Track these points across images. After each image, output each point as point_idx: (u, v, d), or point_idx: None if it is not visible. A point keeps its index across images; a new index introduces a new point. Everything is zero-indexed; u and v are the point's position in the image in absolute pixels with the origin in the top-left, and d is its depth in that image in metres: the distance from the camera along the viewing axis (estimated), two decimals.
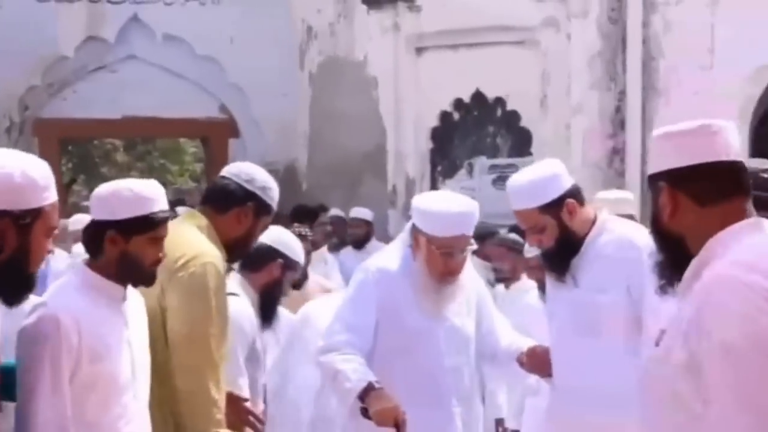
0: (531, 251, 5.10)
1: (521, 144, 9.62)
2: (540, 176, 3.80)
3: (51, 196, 2.73)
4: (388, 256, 3.95)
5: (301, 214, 8.52)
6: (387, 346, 3.78)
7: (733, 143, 2.26)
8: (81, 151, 21.01)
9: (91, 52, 11.53)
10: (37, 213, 2.69)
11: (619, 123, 9.12)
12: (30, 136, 11.43)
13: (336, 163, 10.61)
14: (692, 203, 2.20)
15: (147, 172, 21.13)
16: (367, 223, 9.34)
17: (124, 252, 3.01)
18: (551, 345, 3.95)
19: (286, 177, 11.81)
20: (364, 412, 3.51)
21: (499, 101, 9.71)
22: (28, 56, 11.08)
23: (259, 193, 3.55)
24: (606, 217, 3.88)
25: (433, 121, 10.01)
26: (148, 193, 3.06)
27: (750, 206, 2.24)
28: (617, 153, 9.13)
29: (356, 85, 10.46)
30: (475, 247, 3.97)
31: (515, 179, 3.87)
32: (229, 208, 3.50)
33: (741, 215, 2.20)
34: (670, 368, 2.10)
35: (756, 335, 1.98)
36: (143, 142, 21.52)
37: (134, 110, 11.53)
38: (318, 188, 10.73)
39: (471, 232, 3.82)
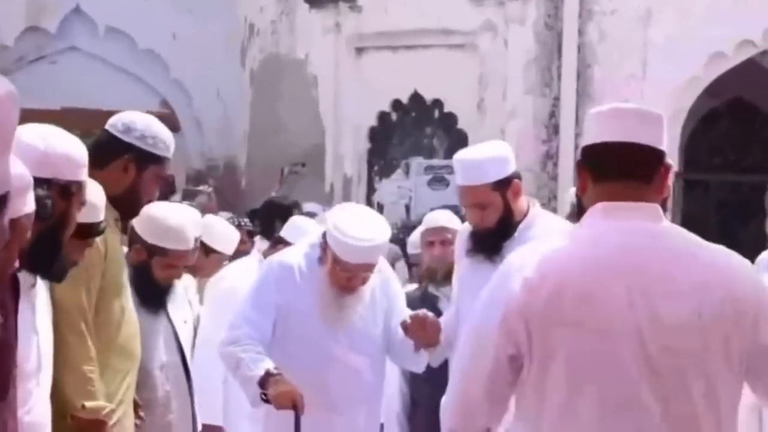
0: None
1: (457, 146, 9.65)
2: (493, 154, 3.87)
3: (86, 173, 2.80)
4: (295, 254, 3.96)
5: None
6: (284, 342, 3.82)
7: (617, 127, 2.35)
8: None
9: (32, 42, 11.47)
10: (78, 185, 2.77)
11: (553, 128, 9.28)
12: None
13: (275, 161, 10.65)
14: (591, 177, 2.30)
15: None
16: None
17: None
18: (461, 326, 3.93)
19: (226, 174, 11.85)
20: (264, 398, 3.61)
21: (437, 103, 9.83)
22: None
23: (137, 143, 3.31)
24: (538, 209, 3.97)
25: (372, 121, 10.10)
26: (98, 203, 3.01)
27: (632, 188, 2.28)
28: (550, 157, 9.29)
29: (296, 84, 10.52)
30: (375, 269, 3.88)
31: (467, 154, 3.91)
32: (106, 162, 3.25)
33: (619, 197, 2.27)
34: None
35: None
36: (83, 135, 21.33)
37: (74, 102, 11.47)
38: (257, 186, 10.76)
39: (377, 260, 3.82)
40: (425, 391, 4.52)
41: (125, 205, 3.33)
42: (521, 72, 9.29)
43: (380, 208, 10.04)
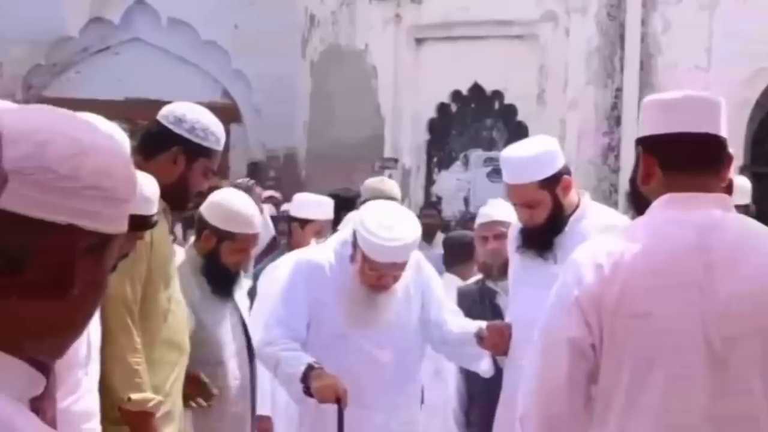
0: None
1: (517, 138, 9.48)
2: (540, 150, 3.75)
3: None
4: (325, 251, 3.91)
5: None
6: (317, 340, 3.78)
7: (695, 117, 2.31)
8: None
9: (96, 33, 11.60)
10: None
11: (614, 120, 9.16)
12: None
13: (334, 151, 10.66)
14: (661, 170, 2.26)
15: None
16: None
17: None
18: (514, 322, 3.88)
19: (286, 164, 11.88)
20: (307, 392, 3.58)
21: (497, 94, 9.76)
22: (34, 36, 11.16)
23: (187, 135, 3.29)
24: (589, 201, 3.88)
25: (431, 113, 10.06)
26: (152, 196, 3.01)
27: (704, 180, 2.27)
28: (612, 150, 9.17)
29: (356, 75, 10.51)
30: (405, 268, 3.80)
31: (513, 152, 3.79)
32: (155, 153, 3.25)
33: (690, 188, 2.25)
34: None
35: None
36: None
37: (137, 92, 11.59)
38: (316, 176, 10.78)
39: (407, 259, 3.71)
40: (482, 387, 4.46)
41: (174, 196, 3.30)
42: (583, 63, 9.18)
43: (439, 201, 10.00)
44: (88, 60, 11.65)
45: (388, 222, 3.68)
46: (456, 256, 5.48)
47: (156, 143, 3.29)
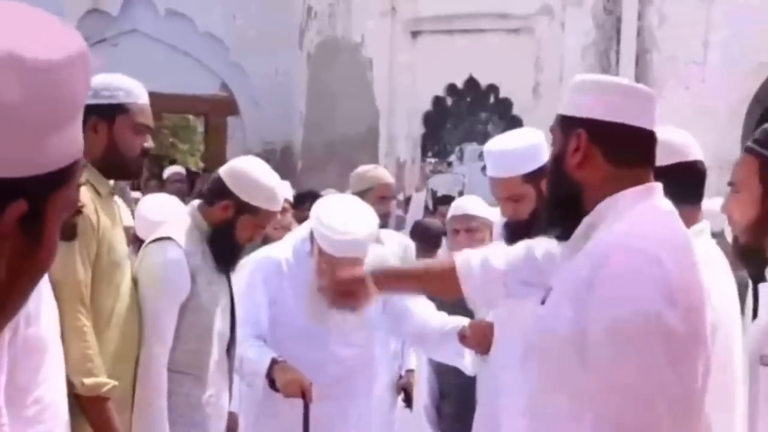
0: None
1: None
2: (525, 143, 3.65)
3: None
4: (282, 247, 3.86)
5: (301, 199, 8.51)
6: (276, 337, 3.73)
7: (655, 114, 2.23)
8: None
9: (94, 24, 11.56)
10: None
11: None
12: None
13: (330, 144, 10.62)
14: (602, 160, 2.16)
15: (156, 149, 21.14)
16: None
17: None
18: (495, 321, 3.84)
19: (283, 158, 11.83)
20: (272, 386, 3.56)
21: (492, 88, 9.69)
22: None
23: (92, 101, 3.15)
24: None
25: (426, 106, 10.00)
26: None
27: (651, 175, 2.22)
28: None
29: (352, 67, 10.46)
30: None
31: (497, 145, 3.70)
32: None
33: (642, 182, 2.18)
34: (554, 327, 2.08)
35: (645, 317, 1.96)
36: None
37: None
38: (312, 169, 10.73)
39: (363, 254, 3.59)
40: (454, 382, 4.40)
41: (111, 166, 3.25)
42: (578, 57, 9.10)
43: (433, 194, 9.94)
44: None
45: (343, 216, 3.61)
46: (423, 244, 5.45)
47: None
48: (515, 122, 9.58)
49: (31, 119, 0.93)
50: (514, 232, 3.72)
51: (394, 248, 5.09)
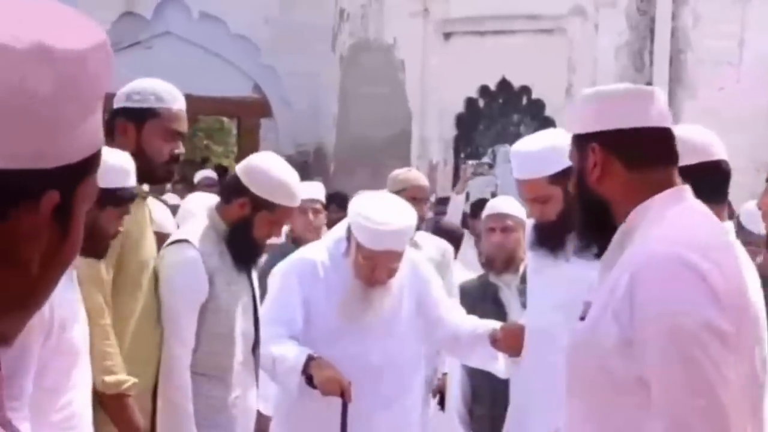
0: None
1: None
2: (550, 144, 3.58)
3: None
4: (317, 249, 3.79)
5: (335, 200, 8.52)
6: (308, 340, 3.64)
7: (665, 109, 2.21)
8: None
9: (127, 27, 11.65)
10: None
11: None
12: None
13: (361, 145, 10.62)
14: (622, 168, 2.15)
15: (191, 151, 21.25)
16: None
17: (93, 222, 2.99)
18: (528, 324, 3.81)
19: (316, 159, 11.85)
20: (309, 383, 3.46)
21: (525, 89, 9.65)
22: None
23: (124, 104, 3.26)
24: None
25: (459, 107, 9.98)
26: (125, 165, 2.98)
27: (676, 175, 2.20)
28: None
29: (384, 69, 10.46)
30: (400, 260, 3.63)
31: (522, 147, 3.65)
32: (108, 133, 3.11)
33: (668, 184, 2.15)
34: (598, 342, 2.05)
35: (700, 317, 1.94)
36: None
37: None
38: (344, 171, 10.74)
39: (402, 248, 3.57)
40: (486, 383, 4.38)
41: (137, 169, 3.17)
42: (611, 57, 9.05)
43: (467, 196, 9.91)
44: (120, 54, 11.66)
45: (383, 208, 3.58)
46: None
47: (107, 123, 3.21)
48: (548, 123, 9.53)
49: (61, 110, 0.94)
50: (543, 233, 3.71)
51: (432, 252, 5.07)
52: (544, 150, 3.60)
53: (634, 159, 2.15)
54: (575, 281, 3.51)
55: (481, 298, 4.45)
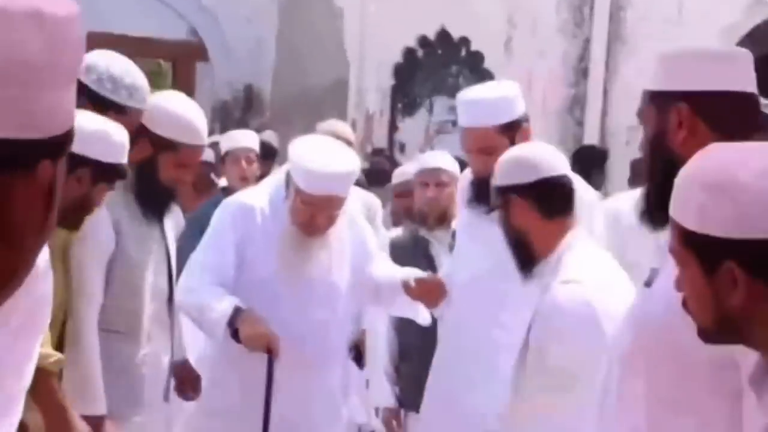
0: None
1: None
2: (501, 94, 3.54)
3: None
4: (257, 193, 3.64)
5: None
6: (240, 289, 3.47)
7: (753, 74, 2.11)
8: None
9: None
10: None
11: (581, 71, 9.00)
12: None
13: (298, 93, 10.48)
14: (707, 131, 2.03)
15: None
16: None
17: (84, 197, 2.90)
18: (454, 278, 3.74)
19: (252, 106, 11.68)
20: (235, 336, 3.31)
21: (464, 41, 9.56)
22: None
23: (92, 85, 3.08)
24: None
25: (397, 57, 9.86)
26: (125, 142, 2.92)
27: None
28: (578, 102, 9.01)
29: (323, 16, 10.29)
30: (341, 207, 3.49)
31: (471, 94, 3.58)
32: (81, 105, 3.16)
33: None
34: (668, 310, 1.86)
35: None
36: None
37: (100, 26, 11.28)
38: (280, 119, 10.59)
39: (344, 193, 3.42)
40: (416, 342, 4.34)
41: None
42: (552, 12, 8.98)
43: (402, 148, 9.84)
44: None
45: (325, 151, 3.43)
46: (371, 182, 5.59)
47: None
48: (487, 76, 9.46)
49: (50, 76, 0.95)
50: (482, 189, 3.64)
51: (357, 206, 5.02)
52: (495, 98, 3.53)
53: (720, 123, 2.05)
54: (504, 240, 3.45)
55: (411, 253, 4.41)
